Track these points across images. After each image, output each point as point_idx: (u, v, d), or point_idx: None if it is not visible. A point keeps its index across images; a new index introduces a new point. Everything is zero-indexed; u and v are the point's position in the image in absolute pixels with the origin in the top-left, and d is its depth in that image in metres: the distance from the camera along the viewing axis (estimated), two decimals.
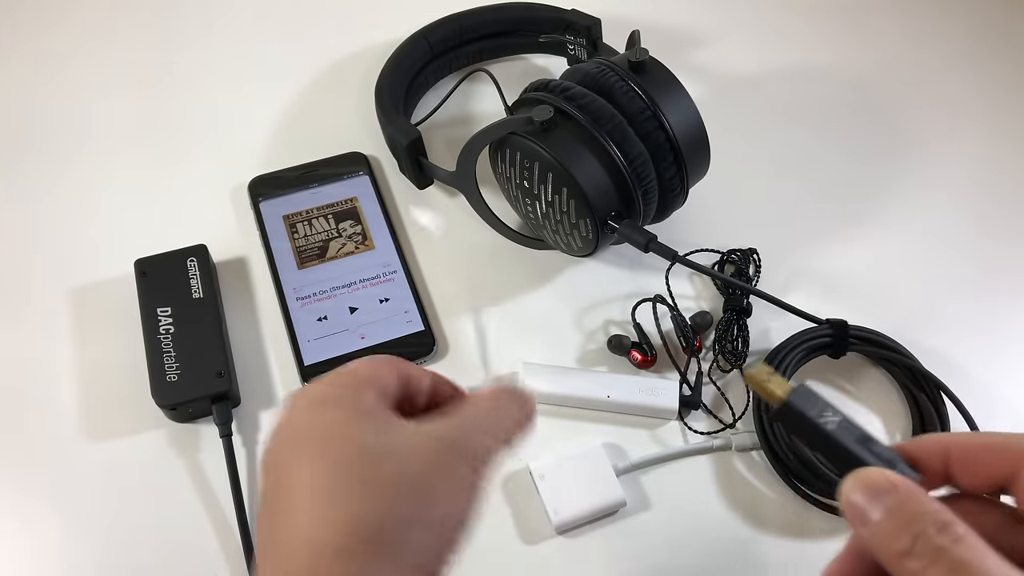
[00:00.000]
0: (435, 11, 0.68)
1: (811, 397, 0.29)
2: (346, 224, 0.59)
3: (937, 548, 0.23)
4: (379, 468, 0.27)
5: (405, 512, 0.26)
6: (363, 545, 0.25)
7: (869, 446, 0.28)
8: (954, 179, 0.64)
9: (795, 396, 0.29)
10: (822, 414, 0.29)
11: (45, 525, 0.48)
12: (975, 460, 0.26)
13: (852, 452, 0.28)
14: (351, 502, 0.26)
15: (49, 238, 0.60)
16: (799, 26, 0.75)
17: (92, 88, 0.69)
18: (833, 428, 0.28)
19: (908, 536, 0.24)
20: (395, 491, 0.27)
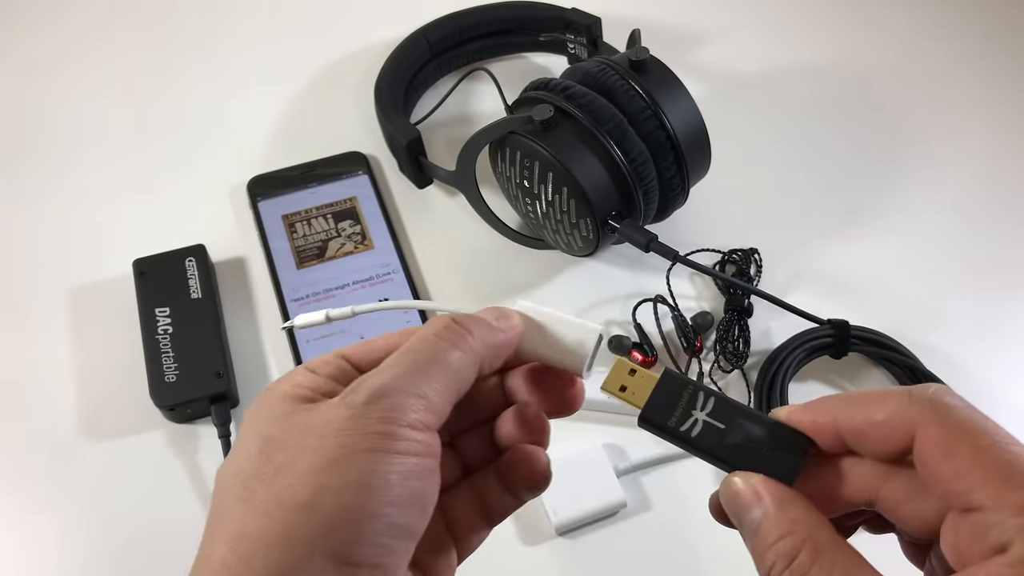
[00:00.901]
0: (435, 10, 0.67)
1: (672, 396, 0.28)
2: (345, 224, 0.59)
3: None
4: (260, 483, 0.24)
5: (294, 526, 0.23)
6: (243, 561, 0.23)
7: (744, 437, 0.27)
8: (956, 178, 0.64)
9: (651, 406, 0.28)
10: (686, 414, 0.28)
11: (43, 525, 0.48)
12: (866, 439, 0.25)
13: (718, 458, 0.27)
14: (231, 521, 0.24)
15: (48, 238, 0.60)
16: (800, 25, 0.74)
17: (91, 89, 0.69)
18: (696, 433, 0.27)
19: (763, 568, 0.25)
20: (273, 510, 0.23)
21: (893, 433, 0.25)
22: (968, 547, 0.23)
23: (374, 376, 0.25)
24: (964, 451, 0.23)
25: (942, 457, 0.23)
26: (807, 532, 0.24)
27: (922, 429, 0.24)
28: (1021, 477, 0.22)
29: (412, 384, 0.25)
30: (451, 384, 0.26)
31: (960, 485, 0.23)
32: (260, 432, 0.25)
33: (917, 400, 0.25)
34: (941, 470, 0.23)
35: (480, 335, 0.27)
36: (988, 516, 0.22)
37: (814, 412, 0.27)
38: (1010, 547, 0.22)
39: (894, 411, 0.25)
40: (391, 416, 0.24)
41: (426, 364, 0.26)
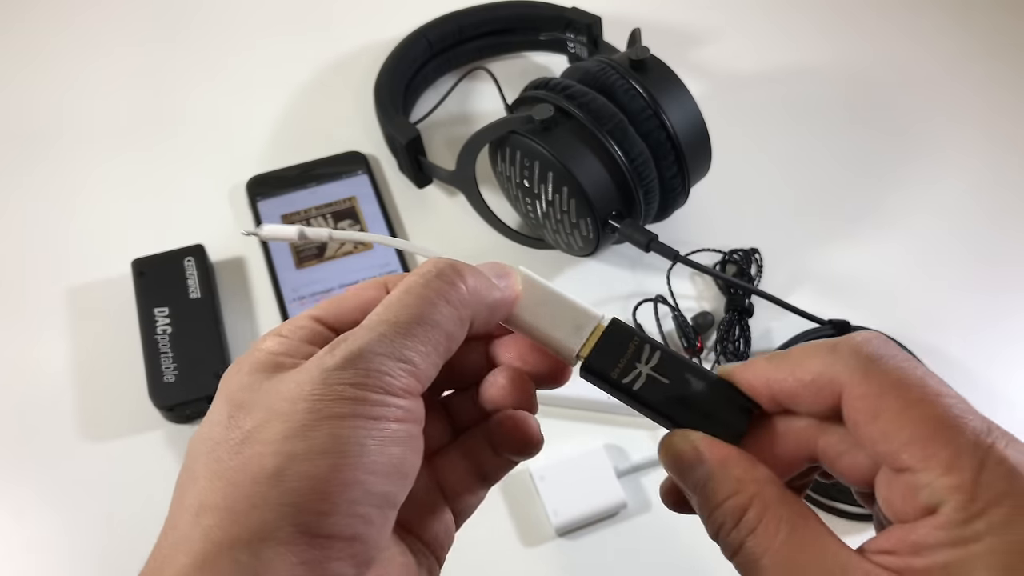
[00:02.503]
0: (434, 9, 0.67)
1: (618, 348, 0.27)
2: (345, 224, 0.59)
3: (735, 542, 0.23)
4: (226, 454, 0.22)
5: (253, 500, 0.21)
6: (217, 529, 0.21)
7: (688, 394, 0.26)
8: (956, 178, 0.64)
9: (595, 356, 0.27)
10: (630, 366, 0.27)
11: (42, 525, 0.48)
12: (798, 399, 0.25)
13: (660, 413, 0.26)
14: (196, 489, 0.22)
15: (46, 237, 0.59)
16: (801, 25, 0.74)
17: (90, 88, 0.69)
18: (639, 387, 0.26)
19: (712, 527, 0.24)
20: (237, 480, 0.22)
21: (821, 393, 0.24)
22: (901, 505, 0.22)
23: (352, 337, 0.23)
24: (890, 409, 0.22)
25: (868, 418, 0.23)
26: (754, 488, 0.24)
27: (847, 388, 0.23)
28: (950, 433, 0.22)
29: (394, 346, 0.23)
30: (438, 344, 0.24)
31: (888, 446, 0.22)
32: (230, 399, 0.24)
33: (841, 356, 0.24)
34: (869, 431, 0.23)
35: (475, 288, 0.25)
36: (918, 477, 0.22)
37: (751, 373, 0.26)
38: (940, 508, 0.21)
39: (820, 371, 0.24)
40: (367, 381, 0.22)
41: (410, 322, 0.23)
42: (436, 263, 0.25)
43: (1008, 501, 0.20)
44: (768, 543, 0.23)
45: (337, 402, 0.22)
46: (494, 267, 0.27)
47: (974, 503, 0.21)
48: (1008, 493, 0.20)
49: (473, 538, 0.48)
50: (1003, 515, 0.20)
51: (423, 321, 0.24)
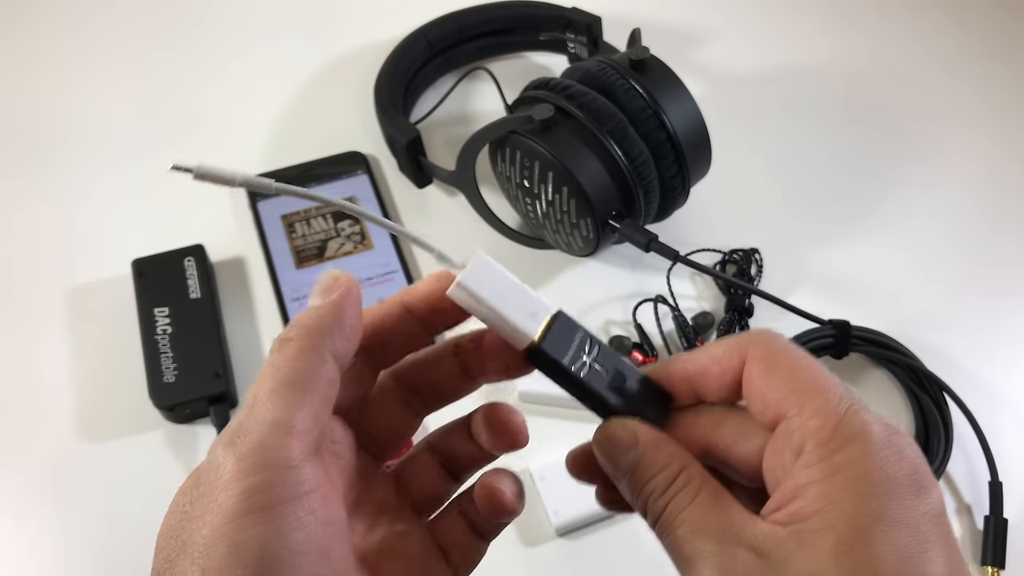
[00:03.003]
0: (434, 9, 0.67)
1: (566, 335, 0.28)
2: (345, 224, 0.59)
3: (660, 506, 0.26)
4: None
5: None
6: None
7: (621, 385, 0.29)
8: (956, 178, 0.64)
9: (549, 341, 0.28)
10: (577, 355, 0.28)
11: (42, 526, 0.48)
12: (707, 378, 0.28)
13: (602, 398, 0.28)
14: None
15: (46, 237, 0.59)
16: (802, 25, 0.74)
17: (90, 88, 0.69)
18: (584, 374, 0.28)
19: (641, 499, 0.27)
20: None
21: (730, 363, 0.27)
22: (780, 461, 0.26)
23: (232, 422, 0.24)
24: (781, 368, 0.26)
25: (763, 374, 0.26)
26: (684, 462, 0.27)
27: (751, 353, 0.27)
28: (821, 389, 0.25)
29: (268, 418, 0.23)
30: (314, 398, 0.24)
31: (774, 396, 0.26)
32: (167, 520, 0.24)
33: (749, 335, 0.28)
34: (761, 384, 0.26)
35: (303, 324, 0.25)
36: (792, 421, 0.25)
37: (669, 365, 0.29)
38: (805, 447, 0.25)
39: (730, 345, 0.28)
40: (250, 464, 0.23)
41: (276, 390, 0.24)
42: (277, 338, 0.26)
43: (860, 441, 0.24)
44: (686, 503, 0.26)
45: (231, 502, 0.22)
46: (320, 285, 0.27)
47: (833, 440, 0.24)
48: (860, 436, 0.24)
49: None
50: (856, 451, 0.24)
51: (290, 383, 0.24)
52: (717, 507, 0.26)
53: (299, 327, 0.25)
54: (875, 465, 0.24)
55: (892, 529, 0.23)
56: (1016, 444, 0.51)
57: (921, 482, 0.24)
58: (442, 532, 0.30)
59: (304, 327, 0.25)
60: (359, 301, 0.27)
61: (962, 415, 0.50)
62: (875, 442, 0.24)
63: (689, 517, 0.26)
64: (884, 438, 0.24)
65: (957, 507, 0.49)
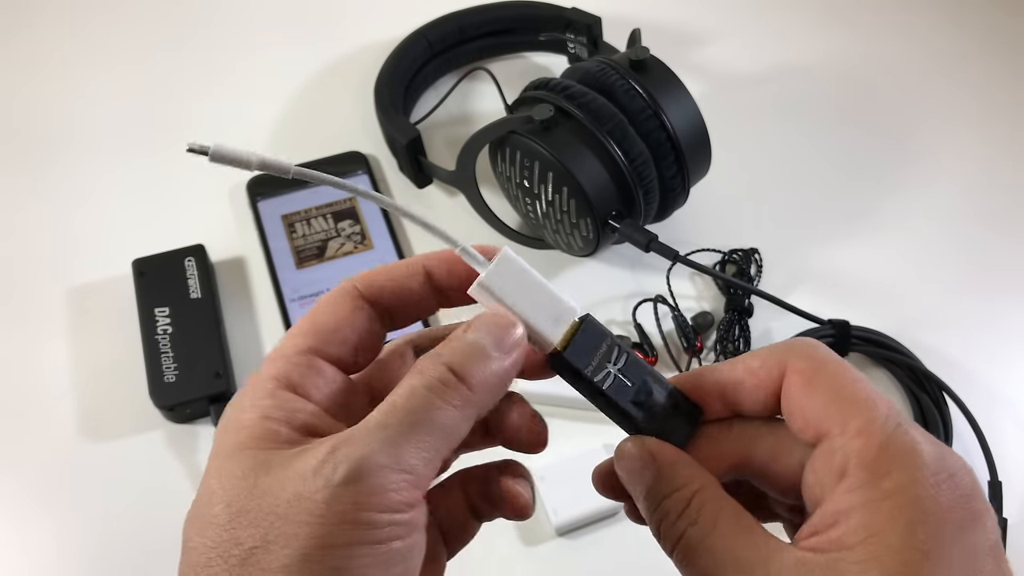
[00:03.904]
0: (434, 9, 0.67)
1: (591, 343, 0.27)
2: (345, 224, 0.59)
3: (676, 532, 0.25)
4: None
5: None
6: None
7: (647, 398, 0.27)
8: (956, 178, 0.64)
9: (572, 350, 0.27)
10: (602, 365, 0.27)
11: (42, 525, 0.48)
12: (745, 387, 0.27)
13: (625, 412, 0.27)
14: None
15: (47, 237, 0.60)
16: (801, 25, 0.74)
17: (91, 89, 0.69)
18: (608, 386, 0.27)
19: (656, 520, 0.26)
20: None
21: (768, 375, 0.26)
22: (820, 481, 0.24)
23: (352, 444, 0.22)
24: (822, 383, 0.25)
25: (803, 388, 0.25)
26: (698, 484, 0.26)
27: (790, 365, 0.26)
28: (866, 407, 0.24)
29: (396, 456, 0.22)
30: (442, 446, 0.23)
31: (815, 412, 0.24)
32: (227, 492, 0.23)
33: (789, 346, 0.26)
34: (801, 400, 0.25)
35: (480, 382, 0.24)
36: (834, 441, 0.24)
37: (701, 376, 0.28)
38: (848, 469, 0.23)
39: (768, 356, 0.26)
40: (371, 501, 0.22)
41: (412, 429, 0.23)
42: (436, 364, 0.24)
43: (909, 466, 0.22)
44: (706, 532, 0.25)
45: (340, 527, 0.21)
46: (495, 330, 0.25)
47: (878, 464, 0.23)
48: (909, 459, 0.22)
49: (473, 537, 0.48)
50: (904, 477, 0.22)
51: (427, 426, 0.23)
52: (741, 534, 0.24)
53: (465, 371, 0.24)
54: (925, 492, 0.22)
55: (943, 565, 0.21)
56: (1015, 444, 0.51)
57: (976, 509, 0.22)
58: (438, 508, 0.29)
59: (471, 374, 0.24)
60: (521, 364, 0.26)
61: (961, 415, 0.50)
62: (925, 465, 0.22)
63: (713, 547, 0.24)
64: (935, 461, 0.22)
65: None
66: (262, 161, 0.26)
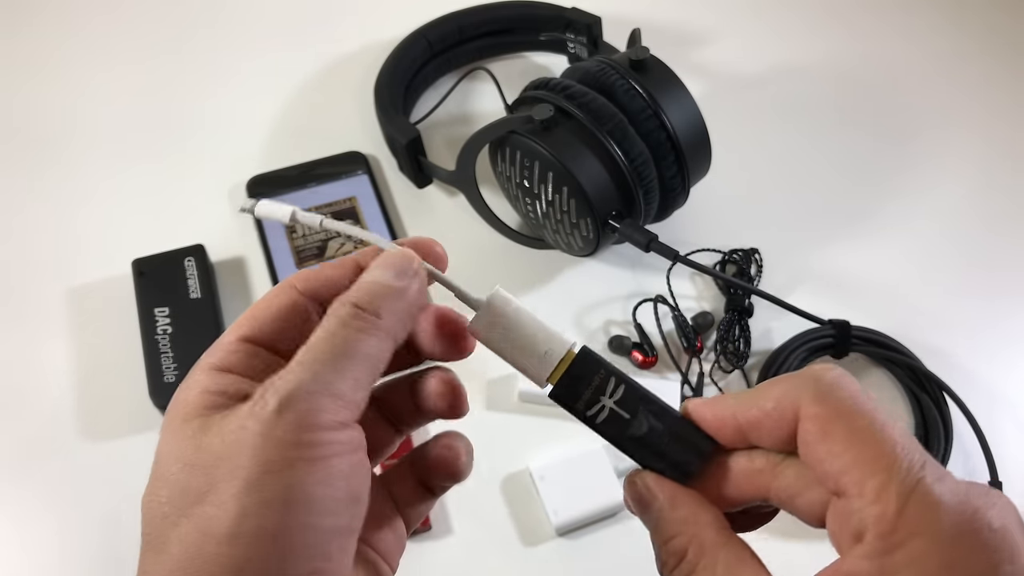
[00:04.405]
0: (434, 9, 0.67)
1: (583, 376, 0.27)
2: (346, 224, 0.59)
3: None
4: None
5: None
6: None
7: (647, 431, 0.27)
8: (957, 178, 0.64)
9: (561, 385, 0.27)
10: (594, 399, 0.27)
11: (42, 525, 0.48)
12: (761, 428, 0.26)
13: (620, 446, 0.27)
14: (163, 558, 0.24)
15: (47, 237, 0.59)
16: (801, 25, 0.74)
17: (91, 89, 0.69)
18: (601, 420, 0.27)
19: (659, 565, 0.26)
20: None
21: (783, 418, 0.25)
22: (839, 533, 0.23)
23: (281, 379, 0.24)
24: (839, 432, 0.23)
25: (819, 437, 0.24)
26: (695, 530, 0.25)
27: (803, 408, 0.24)
28: (885, 462, 0.22)
29: (323, 383, 0.24)
30: (365, 372, 0.25)
31: (833, 465, 0.23)
32: (176, 454, 0.24)
33: (802, 381, 0.25)
34: (818, 450, 0.24)
35: (389, 311, 0.26)
36: (852, 502, 0.22)
37: (716, 408, 0.27)
38: (864, 535, 0.22)
39: (781, 396, 0.25)
40: (305, 423, 0.23)
41: (335, 358, 0.24)
42: (345, 305, 0.25)
43: (927, 534, 0.21)
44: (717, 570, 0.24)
45: (278, 451, 0.23)
46: (395, 262, 0.27)
47: (895, 533, 0.21)
48: (927, 526, 0.21)
49: (473, 538, 0.48)
50: (920, 548, 0.21)
51: (347, 355, 0.24)
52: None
53: (372, 301, 0.25)
54: (943, 564, 0.21)
55: None
56: (1015, 444, 0.51)
57: (1010, 549, 0.21)
58: (392, 483, 0.30)
59: (377, 300, 0.25)
60: (426, 291, 0.27)
61: (962, 415, 0.50)
62: (945, 532, 0.21)
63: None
64: (957, 524, 0.21)
65: None
66: (294, 213, 0.30)
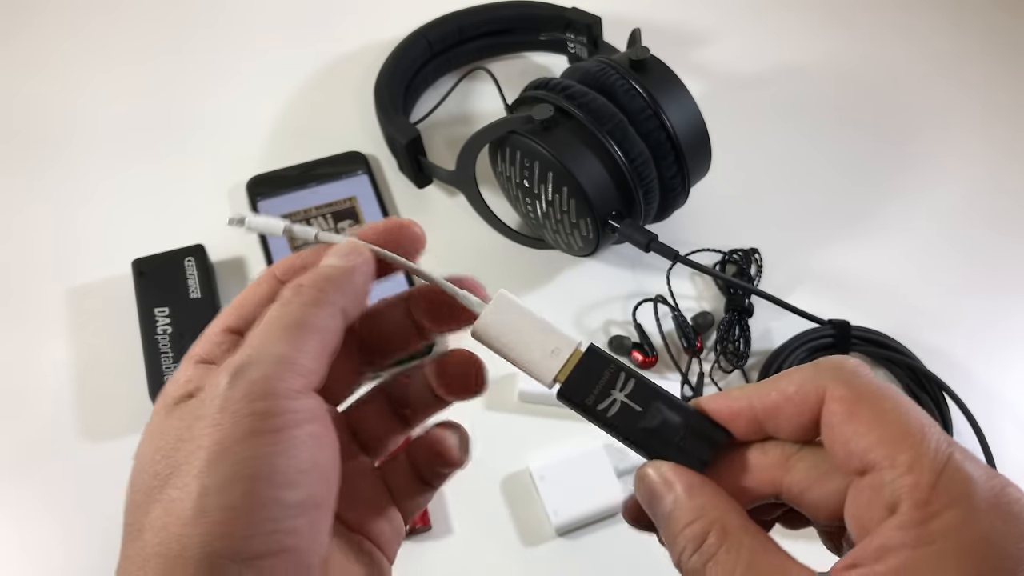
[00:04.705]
0: (434, 9, 0.67)
1: (592, 372, 0.27)
2: (345, 224, 0.59)
3: (694, 569, 0.24)
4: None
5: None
6: None
7: (660, 424, 0.27)
8: (957, 178, 0.64)
9: (571, 382, 0.27)
10: (605, 393, 0.27)
11: (43, 526, 0.48)
12: (781, 413, 0.26)
13: (632, 441, 0.27)
14: (140, 543, 0.25)
15: (47, 237, 0.59)
16: (801, 25, 0.74)
17: (91, 89, 0.69)
18: (613, 414, 0.27)
19: (675, 554, 0.25)
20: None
21: (805, 402, 0.25)
22: (867, 512, 0.23)
23: (236, 354, 0.24)
24: (865, 412, 0.24)
25: (845, 418, 0.24)
26: (716, 515, 0.25)
27: (829, 391, 0.25)
28: (916, 438, 0.23)
29: (272, 353, 0.24)
30: (315, 343, 0.25)
31: (859, 444, 0.23)
32: (150, 443, 0.25)
33: (825, 369, 0.25)
34: (844, 430, 0.24)
35: (332, 287, 0.26)
36: (883, 474, 0.23)
37: (729, 398, 0.27)
38: (899, 506, 0.22)
39: (804, 381, 0.25)
40: (257, 391, 0.23)
41: (284, 329, 0.25)
42: (293, 284, 0.26)
43: (962, 504, 0.21)
44: (728, 570, 0.24)
45: (235, 424, 0.23)
46: (340, 250, 0.28)
47: (931, 504, 0.22)
48: (962, 497, 0.22)
49: (473, 538, 0.48)
50: (957, 517, 0.21)
51: (298, 326, 0.25)
52: (767, 570, 0.23)
53: (316, 278, 0.26)
54: (979, 534, 0.21)
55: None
56: (1015, 443, 0.51)
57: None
58: (390, 475, 0.30)
59: (320, 279, 0.26)
60: (372, 271, 0.28)
61: (961, 415, 0.50)
62: (979, 503, 0.22)
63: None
64: (990, 497, 0.22)
65: None
66: (288, 228, 0.30)
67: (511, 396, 0.52)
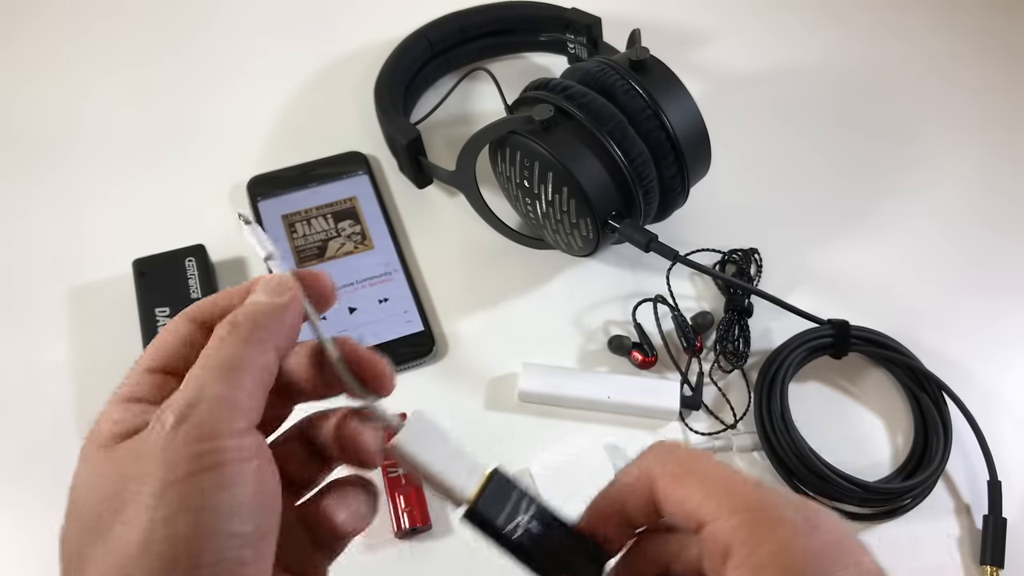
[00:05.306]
0: (435, 9, 0.67)
1: (502, 494, 0.28)
2: (345, 224, 0.59)
3: None
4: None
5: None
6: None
7: (555, 544, 0.28)
8: (956, 178, 0.64)
9: (484, 502, 0.28)
10: (512, 515, 0.28)
11: (43, 526, 0.48)
12: (629, 508, 0.28)
13: (535, 562, 0.28)
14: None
15: (48, 238, 0.60)
16: (801, 25, 0.74)
17: (92, 89, 0.69)
18: (518, 536, 0.28)
19: None
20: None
21: (643, 487, 0.27)
22: (711, 563, 0.25)
23: (177, 395, 0.25)
24: (689, 478, 0.27)
25: (674, 488, 0.27)
26: None
27: (659, 470, 0.27)
28: (732, 489, 0.26)
29: (213, 394, 0.25)
30: (253, 380, 0.26)
31: (690, 505, 0.26)
32: (88, 484, 0.26)
33: (651, 453, 0.28)
34: (675, 497, 0.27)
35: (264, 325, 0.27)
36: (714, 527, 0.25)
37: (596, 507, 0.29)
38: (731, 549, 0.25)
39: (637, 469, 0.28)
40: (202, 433, 0.24)
41: (221, 370, 0.25)
42: (225, 323, 0.27)
43: (781, 528, 0.24)
44: None
45: (179, 464, 0.24)
46: (270, 287, 0.28)
47: (755, 536, 0.24)
48: (779, 522, 0.25)
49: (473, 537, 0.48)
50: (779, 540, 0.24)
51: (233, 365, 0.26)
52: None
53: (248, 316, 0.27)
54: (799, 546, 0.24)
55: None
56: (1014, 443, 0.51)
57: (846, 546, 0.25)
58: (309, 517, 0.30)
59: (253, 317, 0.27)
60: (301, 309, 0.28)
61: (961, 415, 0.50)
62: (793, 524, 0.24)
63: None
64: (800, 518, 0.25)
65: (956, 507, 0.49)
66: (269, 255, 0.31)
67: (511, 396, 0.52)
